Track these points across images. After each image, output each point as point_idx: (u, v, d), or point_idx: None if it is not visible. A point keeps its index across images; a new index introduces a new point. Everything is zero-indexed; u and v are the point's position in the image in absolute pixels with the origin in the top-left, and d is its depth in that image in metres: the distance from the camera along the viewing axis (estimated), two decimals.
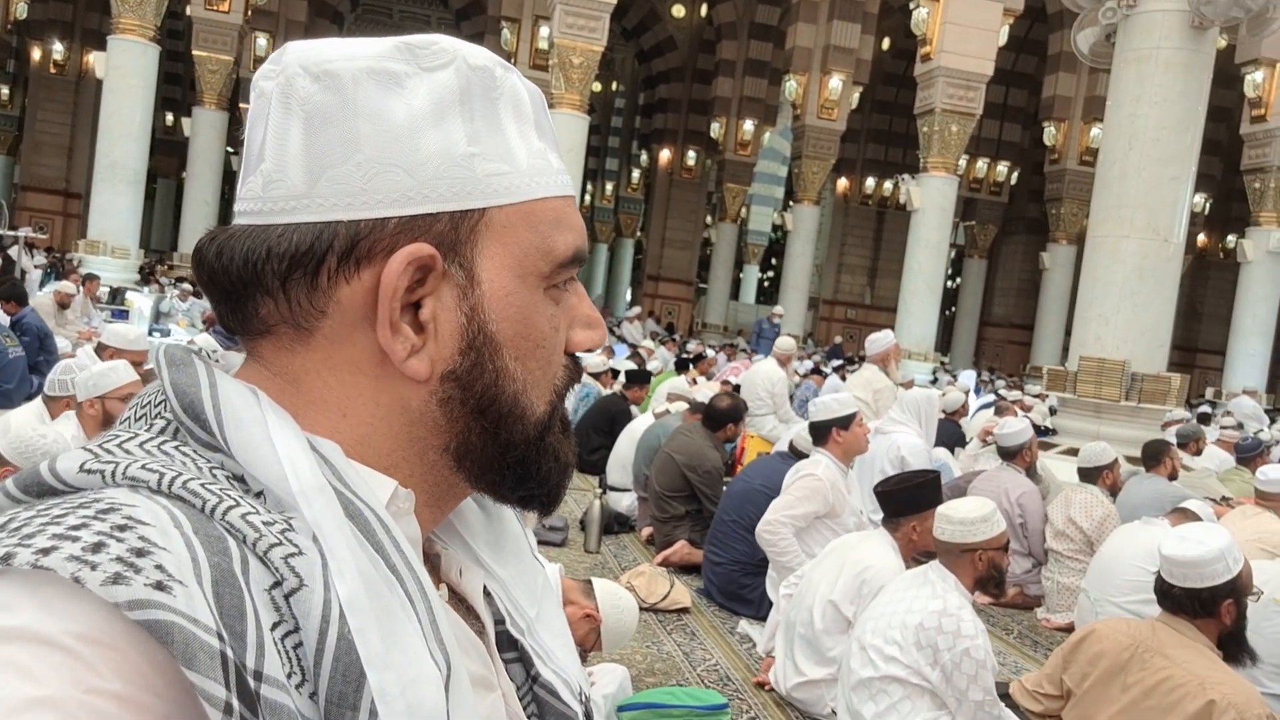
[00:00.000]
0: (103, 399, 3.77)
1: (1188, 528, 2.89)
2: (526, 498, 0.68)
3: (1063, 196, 21.08)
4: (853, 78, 19.81)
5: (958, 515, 3.32)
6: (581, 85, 14.32)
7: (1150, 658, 2.75)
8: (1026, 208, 25.96)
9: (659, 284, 26.30)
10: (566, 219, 0.65)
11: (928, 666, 3.19)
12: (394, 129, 0.59)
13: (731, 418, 6.11)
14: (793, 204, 21.66)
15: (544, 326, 0.64)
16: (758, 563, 5.04)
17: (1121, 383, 7.97)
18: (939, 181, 15.33)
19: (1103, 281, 8.17)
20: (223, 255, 0.60)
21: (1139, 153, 7.98)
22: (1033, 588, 6.09)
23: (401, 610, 0.53)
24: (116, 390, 3.77)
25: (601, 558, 5.81)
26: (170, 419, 0.57)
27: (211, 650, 0.46)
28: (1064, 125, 20.77)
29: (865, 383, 7.86)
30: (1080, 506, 5.86)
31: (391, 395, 0.61)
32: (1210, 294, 26.02)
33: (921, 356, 15.27)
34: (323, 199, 0.58)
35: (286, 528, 0.52)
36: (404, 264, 0.58)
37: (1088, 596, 5.08)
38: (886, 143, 27.05)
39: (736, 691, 4.06)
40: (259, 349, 0.62)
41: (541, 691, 0.71)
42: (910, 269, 15.45)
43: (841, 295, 27.95)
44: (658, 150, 26.32)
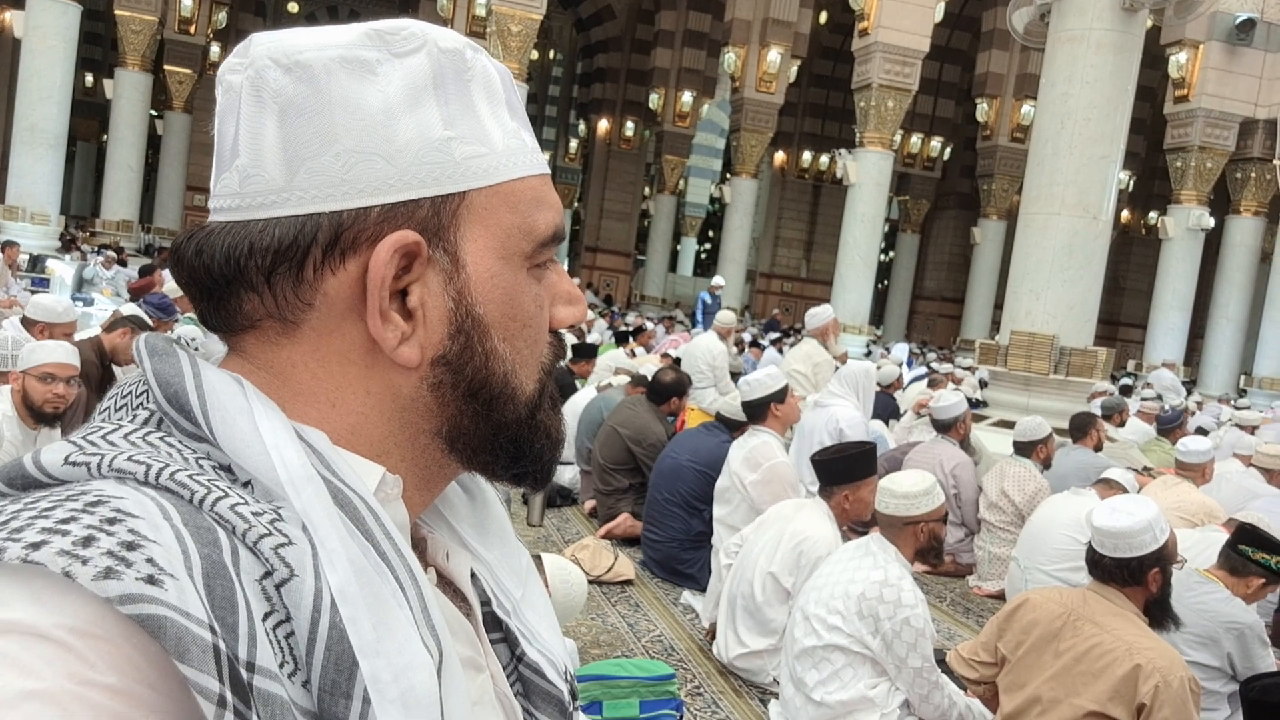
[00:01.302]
0: (24, 374, 3.66)
1: (1118, 499, 3.00)
2: (520, 475, 0.69)
3: (994, 172, 21.46)
4: (791, 51, 19.85)
5: (900, 489, 3.40)
6: (520, 54, 14.15)
7: (1081, 625, 2.85)
8: (958, 183, 26.38)
9: (597, 255, 26.23)
10: (545, 197, 0.66)
11: (869, 635, 3.27)
12: (370, 117, 0.58)
13: (675, 391, 6.15)
14: (730, 177, 21.72)
15: (529, 306, 0.65)
16: (695, 537, 5.11)
17: (1051, 356, 8.17)
18: (875, 156, 15.49)
19: (1034, 258, 8.35)
20: (203, 253, 0.59)
21: (1070, 132, 8.15)
22: (965, 556, 6.26)
23: (392, 597, 0.53)
24: (34, 368, 3.66)
25: (545, 531, 5.83)
26: (154, 410, 0.57)
27: (204, 643, 0.46)
28: (996, 102, 21.12)
29: (805, 356, 7.96)
30: (1013, 479, 6.03)
31: (382, 383, 0.61)
32: (1133, 269, 26.78)
33: (856, 329, 15.49)
34: (303, 191, 0.58)
35: (276, 518, 0.52)
36: (390, 252, 0.58)
37: (1018, 565, 5.24)
38: (823, 117, 27.21)
39: (681, 661, 4.12)
40: (242, 344, 0.61)
41: (527, 671, 0.71)
42: (846, 243, 15.61)
43: (778, 268, 28.17)
44: (596, 120, 26.16)
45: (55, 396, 3.65)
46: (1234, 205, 17.14)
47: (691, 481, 5.23)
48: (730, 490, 4.84)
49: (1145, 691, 2.65)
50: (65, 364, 3.70)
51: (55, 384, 3.64)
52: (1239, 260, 17.04)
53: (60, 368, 3.67)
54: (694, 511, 5.19)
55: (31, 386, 3.64)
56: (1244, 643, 3.53)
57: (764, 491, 4.63)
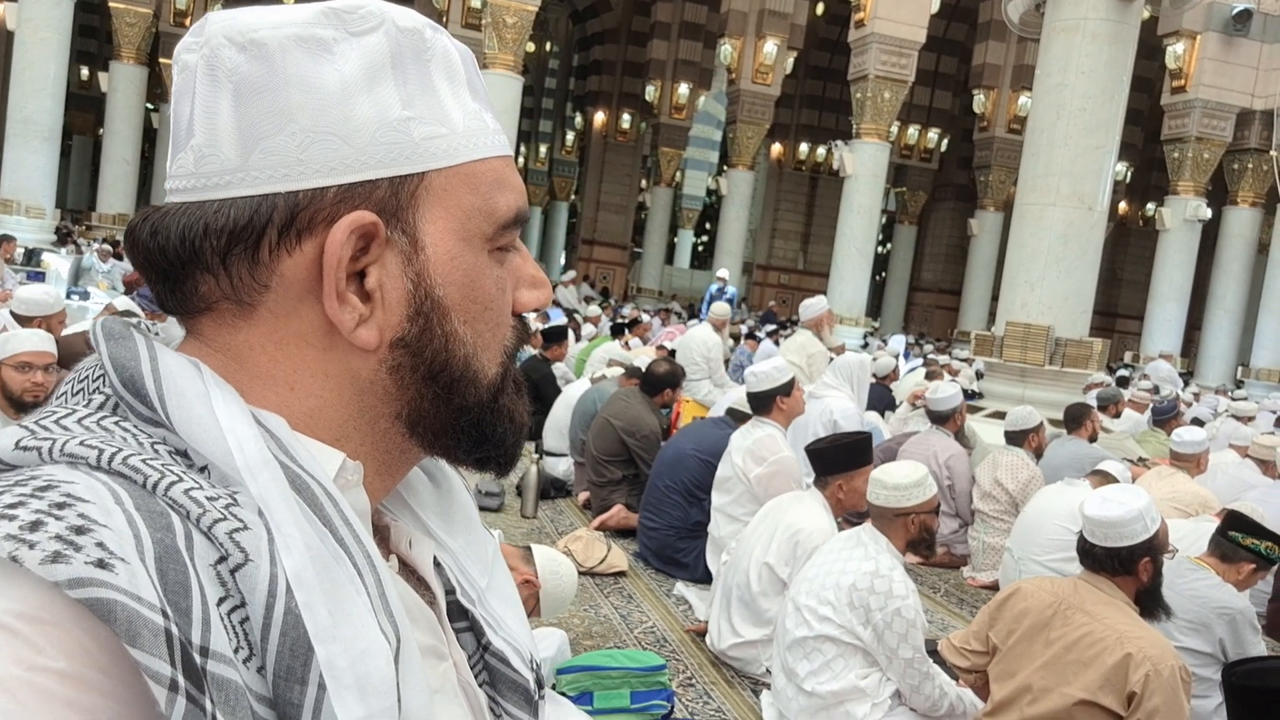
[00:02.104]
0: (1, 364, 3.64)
1: (1109, 489, 2.99)
2: (483, 459, 0.68)
3: (991, 164, 21.44)
4: (787, 42, 19.82)
5: (891, 480, 3.40)
6: (515, 45, 14.10)
7: (1072, 614, 2.85)
8: (956, 174, 26.34)
9: (594, 248, 26.19)
10: (506, 179, 0.65)
11: (860, 626, 3.27)
12: (326, 97, 0.58)
13: (669, 383, 6.15)
14: (727, 169, 21.69)
15: (490, 288, 0.64)
16: (691, 526, 5.10)
17: (1046, 347, 8.16)
18: (871, 148, 15.47)
19: (1029, 249, 8.33)
20: (158, 235, 0.58)
21: (1066, 122, 8.12)
22: (959, 547, 6.27)
23: (350, 583, 0.53)
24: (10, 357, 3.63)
25: (538, 523, 5.82)
26: (109, 394, 0.56)
27: (155, 627, 0.45)
28: (993, 93, 21.07)
29: (799, 347, 7.96)
30: (1006, 469, 6.03)
31: (340, 366, 0.61)
32: (1130, 260, 26.76)
33: (853, 321, 15.48)
34: (258, 171, 0.57)
35: (231, 503, 0.52)
36: (347, 233, 0.57)
37: (1011, 555, 5.24)
38: (820, 108, 27.16)
39: (673, 652, 4.12)
40: (199, 326, 0.61)
41: (493, 660, 0.71)
42: (842, 234, 15.60)
43: (775, 260, 28.14)
44: (592, 113, 26.10)
45: (34, 385, 3.62)
46: (1231, 196, 17.14)
47: (694, 470, 5.22)
48: (732, 480, 4.83)
49: (1136, 680, 2.65)
50: (41, 351, 3.67)
51: (33, 372, 3.61)
52: (1236, 251, 17.04)
53: (36, 356, 3.64)
54: (694, 500, 5.18)
55: (9, 376, 3.61)
56: (1235, 628, 3.53)
57: (770, 486, 4.61)
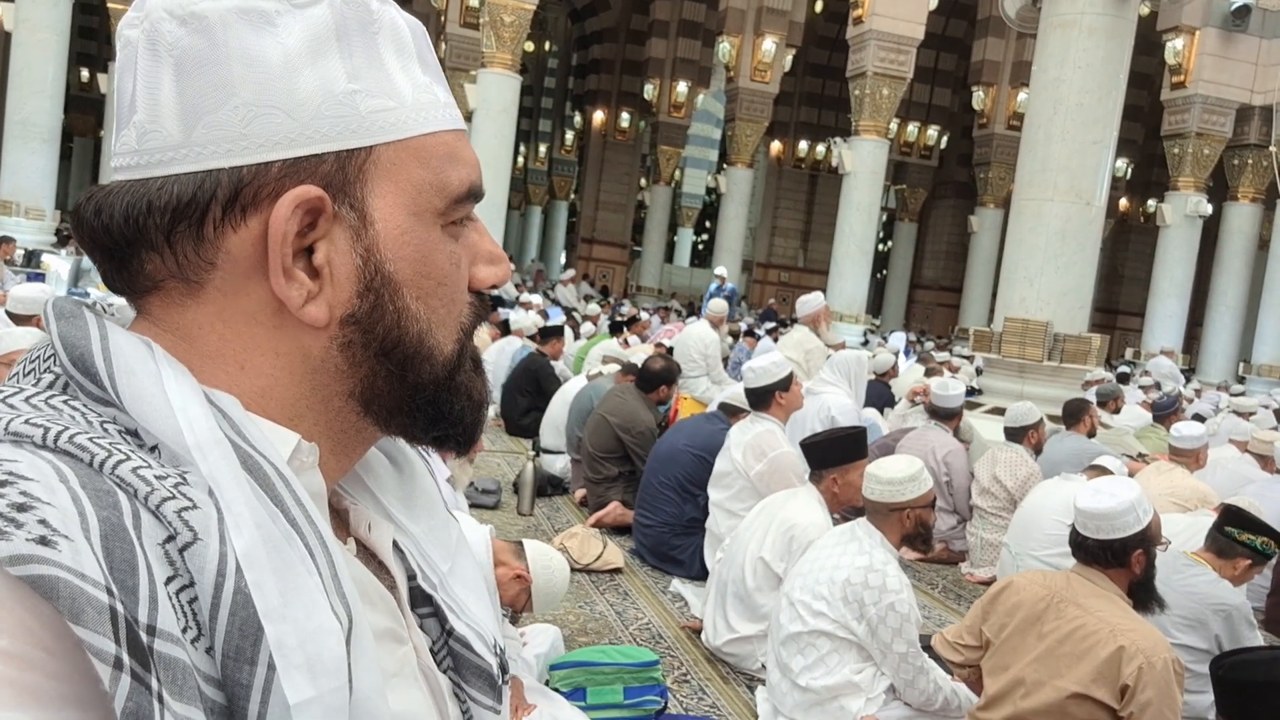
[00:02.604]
0: None
1: (1100, 481, 2.98)
2: (441, 438, 0.68)
3: (991, 161, 21.40)
4: (786, 40, 19.78)
5: (886, 475, 3.38)
6: (513, 44, 14.08)
7: (1065, 607, 2.84)
8: (956, 171, 26.30)
9: (593, 247, 26.18)
10: (459, 153, 0.64)
11: (854, 620, 3.26)
12: (269, 70, 0.57)
13: (664, 379, 6.14)
14: (726, 167, 21.67)
15: (444, 264, 0.63)
16: (686, 523, 5.09)
17: (1044, 343, 8.14)
18: (870, 145, 15.45)
19: (1027, 244, 8.31)
20: (101, 213, 0.58)
21: (1063, 117, 8.10)
22: (957, 543, 6.26)
23: (301, 564, 0.52)
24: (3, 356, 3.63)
25: (535, 520, 5.82)
26: (59, 373, 0.56)
27: (99, 605, 0.44)
28: (992, 90, 21.03)
29: (797, 344, 7.95)
30: (1005, 465, 6.01)
31: (291, 344, 0.60)
32: (1131, 257, 26.73)
33: (853, 319, 15.46)
34: (201, 147, 0.56)
35: (180, 482, 0.51)
36: (291, 207, 0.57)
37: (1009, 551, 5.23)
38: (819, 106, 27.12)
39: (669, 649, 4.11)
40: (148, 306, 0.60)
41: (456, 645, 0.70)
42: (842, 232, 15.58)
43: (775, 258, 28.11)
44: (591, 112, 26.08)
45: None
46: (1231, 192, 17.11)
47: (687, 465, 5.21)
48: (730, 475, 4.81)
49: (1129, 673, 2.64)
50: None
51: None
52: (1237, 247, 17.01)
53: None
54: (688, 496, 5.17)
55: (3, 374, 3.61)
56: (1232, 624, 3.52)
57: (769, 482, 4.60)
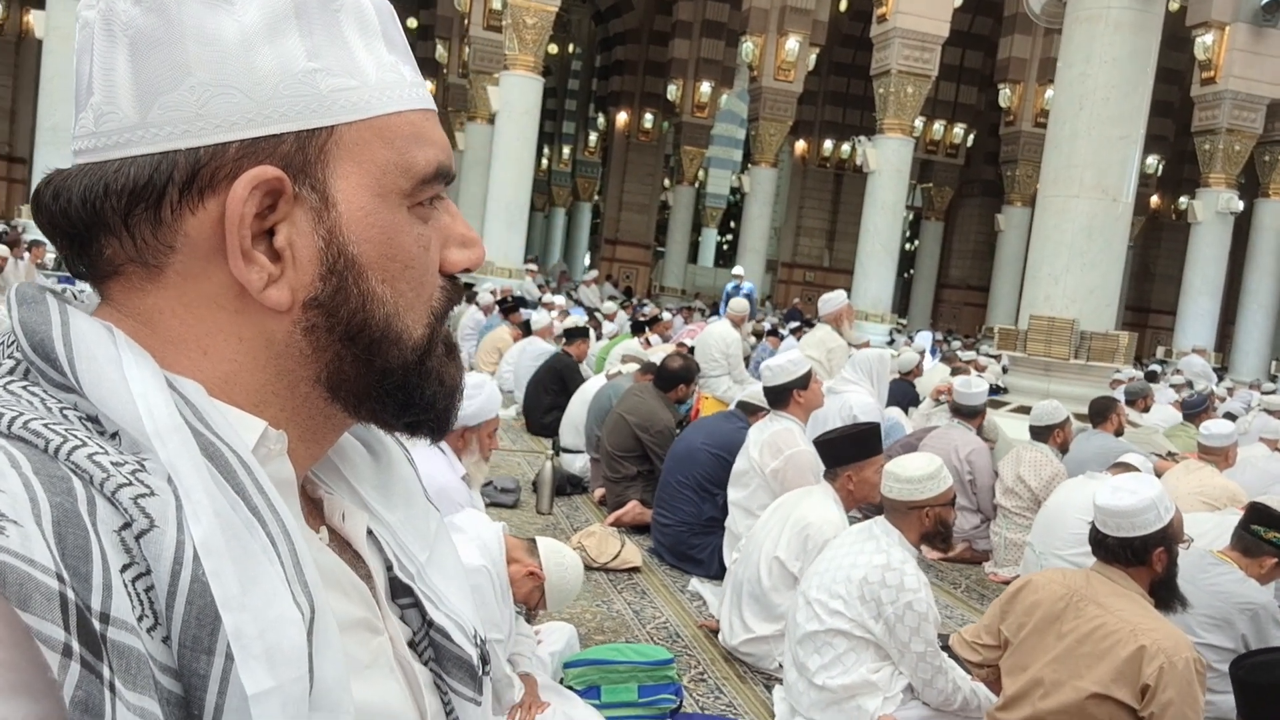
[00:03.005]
0: None
1: (1121, 478, 2.93)
2: (413, 424, 0.67)
3: (1018, 159, 21.22)
4: (809, 39, 19.73)
5: (905, 473, 3.34)
6: (535, 46, 14.13)
7: (1084, 606, 2.79)
8: (982, 170, 26.13)
9: (617, 247, 26.21)
10: (426, 133, 0.63)
11: (871, 620, 3.23)
12: (225, 48, 0.56)
13: (683, 378, 6.12)
14: (750, 166, 21.62)
15: (411, 246, 0.62)
16: (705, 522, 5.07)
17: (1070, 341, 8.04)
18: (895, 143, 15.37)
19: (1053, 241, 8.22)
20: (59, 197, 0.57)
21: (1089, 113, 8.01)
22: (981, 543, 6.19)
23: (262, 553, 0.51)
24: None
25: (554, 519, 5.81)
26: (20, 359, 0.55)
27: (49, 591, 0.43)
28: (1019, 87, 20.87)
29: (819, 342, 7.90)
30: (1030, 464, 5.94)
31: (254, 329, 0.59)
32: (1163, 255, 26.44)
33: (878, 318, 15.38)
34: (157, 128, 0.56)
35: (138, 468, 0.50)
36: (248, 189, 0.56)
37: (1033, 550, 5.16)
38: (844, 105, 27.01)
39: (686, 648, 4.09)
40: (109, 291, 0.59)
41: (436, 635, 0.70)
42: (867, 230, 15.50)
43: (800, 258, 28.03)
44: (614, 113, 26.12)
45: None
46: (1263, 188, 16.89)
47: (706, 464, 5.18)
48: (748, 474, 4.78)
49: (1149, 673, 2.59)
50: None
51: None
52: (1269, 244, 16.77)
53: None
54: (706, 495, 5.14)
55: None
56: (1258, 623, 3.45)
57: (785, 479, 4.57)
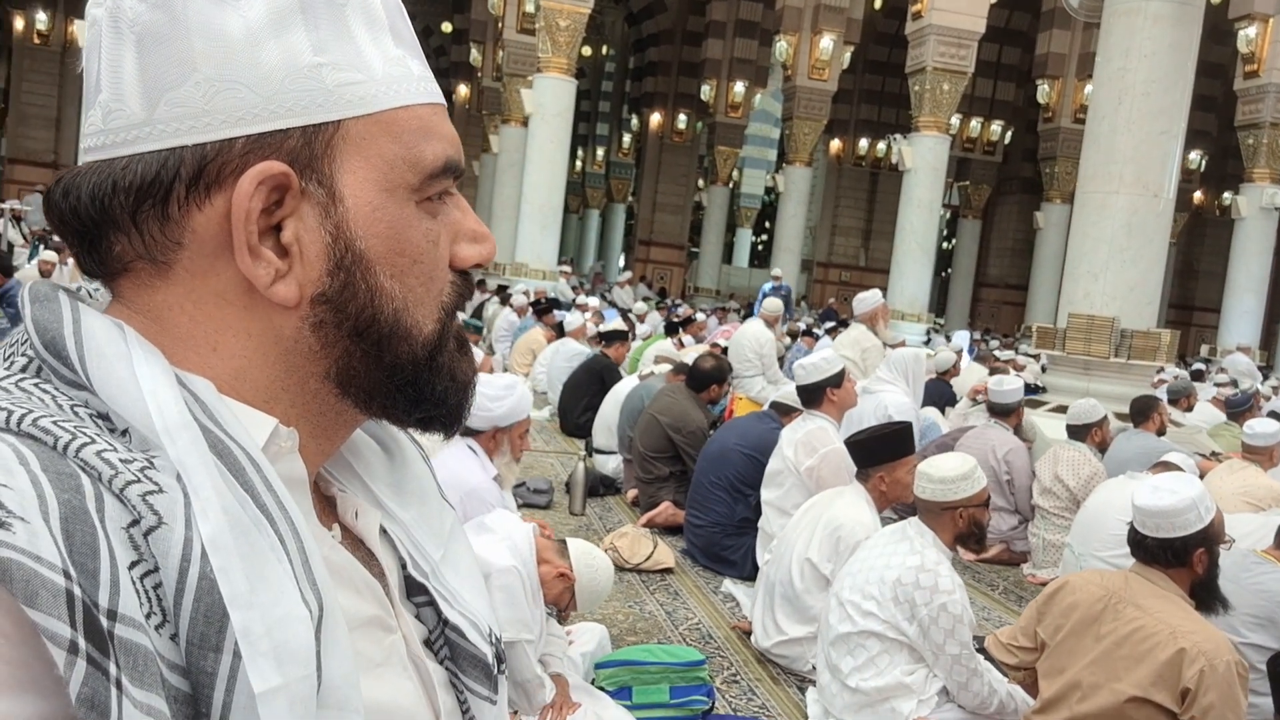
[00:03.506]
0: None
1: (1160, 478, 2.87)
2: (425, 420, 0.66)
3: (1057, 155, 20.93)
4: (844, 37, 19.60)
5: (938, 474, 3.31)
6: (568, 48, 14.16)
7: (1123, 608, 2.74)
8: (1021, 167, 25.82)
9: (651, 249, 26.20)
10: (434, 127, 0.63)
11: (905, 621, 3.19)
12: (231, 44, 0.56)
13: (715, 378, 6.09)
14: (784, 166, 21.53)
15: (419, 241, 0.62)
16: (738, 523, 5.04)
17: (1110, 339, 7.91)
18: (931, 140, 15.23)
19: (1091, 238, 8.10)
20: (69, 195, 0.57)
21: (1128, 107, 7.88)
22: (1019, 544, 6.11)
23: (270, 551, 0.51)
24: None
25: (586, 520, 5.81)
26: (32, 356, 0.55)
27: (55, 588, 0.43)
28: (1058, 83, 20.57)
29: (853, 342, 7.84)
30: (1067, 464, 5.86)
31: (263, 325, 0.59)
32: (1206, 252, 25.96)
33: (915, 317, 15.25)
34: (164, 124, 0.56)
35: (146, 465, 0.50)
36: (254, 184, 0.56)
37: (1072, 551, 5.08)
38: (880, 103, 26.81)
39: (718, 649, 4.07)
40: (120, 289, 0.60)
41: (451, 634, 0.69)
42: (903, 229, 15.38)
43: (836, 257, 27.86)
44: (648, 114, 26.12)
45: None
46: None
47: (738, 465, 5.16)
48: (782, 473, 4.76)
49: (1190, 676, 2.54)
50: None
51: None
52: None
53: None
54: (739, 496, 5.12)
55: None
56: None
57: (820, 477, 4.54)
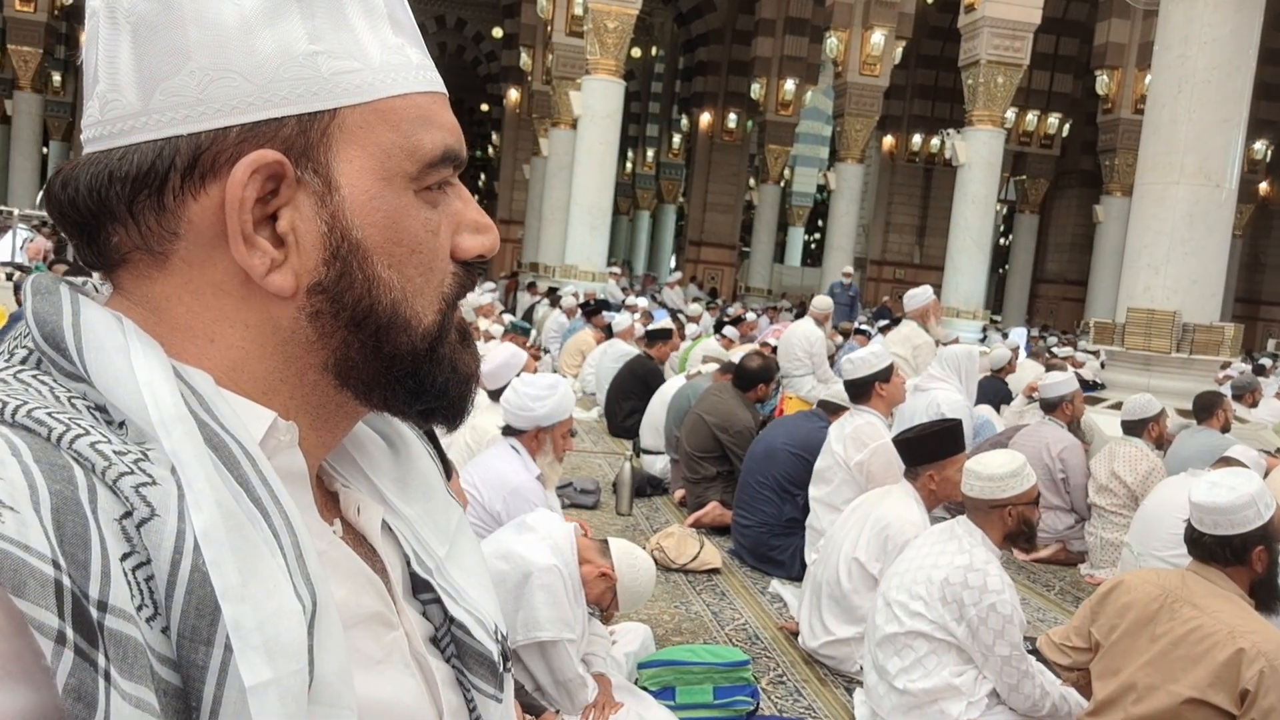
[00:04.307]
0: None
1: (1218, 474, 2.78)
2: (427, 412, 0.66)
3: (1116, 147, 20.42)
4: (895, 32, 19.37)
5: (986, 471, 3.24)
6: (617, 50, 14.17)
7: (1180, 607, 2.66)
8: (1080, 160, 25.26)
9: (701, 249, 26.11)
10: (433, 116, 0.62)
11: (953, 621, 3.13)
12: (225, 32, 0.56)
13: (762, 378, 6.05)
14: (836, 163, 21.34)
15: (418, 230, 0.61)
16: (786, 523, 4.99)
17: (1172, 334, 7.72)
18: (985, 135, 14.97)
19: (1152, 230, 7.91)
20: (68, 187, 0.57)
21: (1188, 96, 7.69)
22: (1075, 544, 5.97)
23: (264, 545, 0.51)
24: None
25: (633, 520, 5.80)
26: (32, 348, 0.55)
27: (43, 577, 0.43)
28: (1117, 73, 20.09)
29: (904, 339, 7.74)
30: (1124, 460, 5.72)
31: (260, 315, 0.59)
32: (1273, 244, 25.22)
33: (970, 315, 14.98)
34: (159, 114, 0.56)
35: (141, 458, 0.50)
36: (247, 173, 0.55)
37: (1131, 551, 4.96)
38: (933, 98, 26.43)
39: (765, 650, 4.03)
40: (119, 280, 0.60)
41: (457, 631, 0.69)
42: (957, 225, 15.13)
43: (890, 255, 27.50)
44: (698, 114, 26.04)
45: None
46: None
47: (786, 464, 5.11)
48: (831, 469, 4.71)
49: (1249, 677, 2.45)
50: None
51: None
52: None
53: None
54: (787, 496, 5.07)
55: None
56: None
57: (871, 472, 4.48)
